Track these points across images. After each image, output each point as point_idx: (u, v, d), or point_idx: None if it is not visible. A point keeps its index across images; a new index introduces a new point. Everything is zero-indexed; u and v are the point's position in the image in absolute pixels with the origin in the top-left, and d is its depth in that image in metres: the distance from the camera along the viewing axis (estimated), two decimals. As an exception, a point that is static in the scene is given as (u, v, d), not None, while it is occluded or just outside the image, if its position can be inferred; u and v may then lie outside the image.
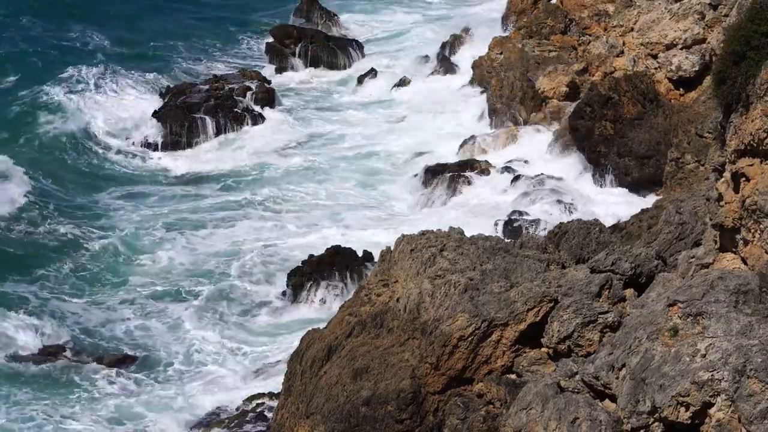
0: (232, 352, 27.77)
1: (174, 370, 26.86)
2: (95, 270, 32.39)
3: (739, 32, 15.64)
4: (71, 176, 40.01)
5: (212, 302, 30.33)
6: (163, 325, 29.15)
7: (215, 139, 44.22)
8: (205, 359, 27.34)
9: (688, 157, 31.55)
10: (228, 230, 35.38)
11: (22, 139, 42.35)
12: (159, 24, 59.82)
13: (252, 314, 29.92)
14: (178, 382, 26.41)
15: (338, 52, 54.65)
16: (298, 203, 37.84)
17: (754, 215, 15.15)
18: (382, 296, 20.60)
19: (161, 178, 40.72)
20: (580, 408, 14.35)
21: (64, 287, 31.10)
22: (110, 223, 35.61)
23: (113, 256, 33.22)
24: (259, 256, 33.20)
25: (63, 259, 32.79)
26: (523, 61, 43.85)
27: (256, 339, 28.57)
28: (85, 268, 32.48)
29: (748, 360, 13.02)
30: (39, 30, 56.43)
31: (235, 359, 27.43)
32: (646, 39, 39.82)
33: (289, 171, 40.99)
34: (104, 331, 28.93)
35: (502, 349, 17.88)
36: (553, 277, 18.59)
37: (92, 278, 31.93)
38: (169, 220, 35.98)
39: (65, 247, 33.60)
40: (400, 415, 17.86)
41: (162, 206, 37.47)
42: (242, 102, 46.66)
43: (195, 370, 26.91)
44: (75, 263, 32.60)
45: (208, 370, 26.87)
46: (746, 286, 13.92)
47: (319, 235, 34.79)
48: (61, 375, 26.62)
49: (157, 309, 30.06)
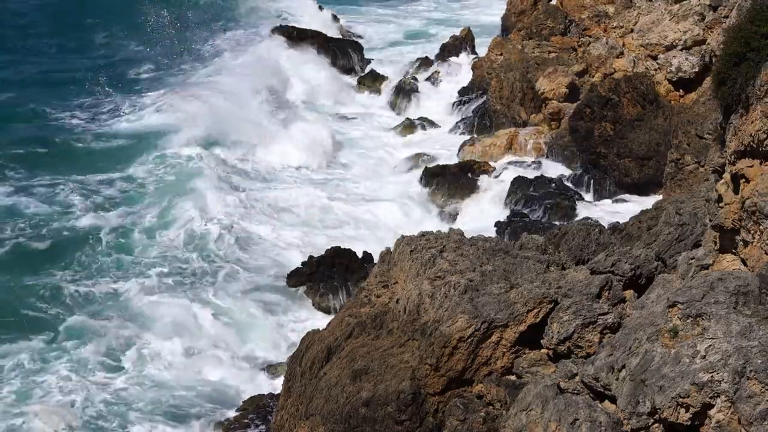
0: (231, 352, 27.74)
1: (174, 370, 26.81)
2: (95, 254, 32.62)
3: (739, 33, 15.64)
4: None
5: (211, 300, 30.31)
6: (162, 323, 29.10)
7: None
8: (204, 359, 27.30)
9: (688, 158, 31.55)
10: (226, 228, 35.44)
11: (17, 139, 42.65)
12: (159, 23, 59.83)
13: (252, 314, 29.90)
14: (178, 382, 26.37)
15: (338, 52, 54.69)
16: (298, 203, 37.82)
17: (754, 216, 15.15)
18: (382, 297, 20.61)
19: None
20: (580, 409, 14.35)
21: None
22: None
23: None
24: (259, 256, 33.23)
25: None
26: (522, 63, 43.89)
27: (256, 339, 28.55)
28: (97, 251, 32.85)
29: (748, 361, 13.02)
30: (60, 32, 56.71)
31: (235, 360, 27.41)
32: (646, 40, 39.86)
33: (288, 171, 40.97)
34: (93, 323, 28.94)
35: (501, 350, 17.88)
36: (552, 279, 18.60)
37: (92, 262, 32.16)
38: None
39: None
40: (400, 416, 17.86)
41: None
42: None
43: (195, 370, 26.86)
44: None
45: (208, 370, 26.83)
46: (746, 288, 13.92)
47: (319, 235, 34.79)
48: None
49: (154, 307, 30.01)
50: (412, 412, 17.85)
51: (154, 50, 55.85)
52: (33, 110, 46.51)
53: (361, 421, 18.13)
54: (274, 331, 29.09)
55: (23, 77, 52.52)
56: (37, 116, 46.09)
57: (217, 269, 32.45)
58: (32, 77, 52.22)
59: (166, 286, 31.09)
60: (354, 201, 37.95)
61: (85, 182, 38.60)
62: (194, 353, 27.56)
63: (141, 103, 47.98)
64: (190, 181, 38.57)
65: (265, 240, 34.66)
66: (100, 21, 62.87)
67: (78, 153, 41.99)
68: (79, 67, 53.33)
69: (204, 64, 55.00)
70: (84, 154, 41.85)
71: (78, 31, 61.16)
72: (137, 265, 32.46)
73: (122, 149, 42.64)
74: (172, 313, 29.02)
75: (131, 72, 53.69)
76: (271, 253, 33.71)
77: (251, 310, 29.92)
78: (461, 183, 37.07)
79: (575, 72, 41.43)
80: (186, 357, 27.36)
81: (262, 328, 29.23)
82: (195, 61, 55.51)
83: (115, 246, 33.57)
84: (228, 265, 32.70)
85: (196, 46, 57.65)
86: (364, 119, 47.47)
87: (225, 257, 33.29)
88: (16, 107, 46.81)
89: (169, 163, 40.79)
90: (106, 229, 34.55)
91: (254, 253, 33.70)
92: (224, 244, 34.02)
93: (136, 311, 29.41)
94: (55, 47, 58.63)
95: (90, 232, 34.36)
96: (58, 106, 47.34)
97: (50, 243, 33.48)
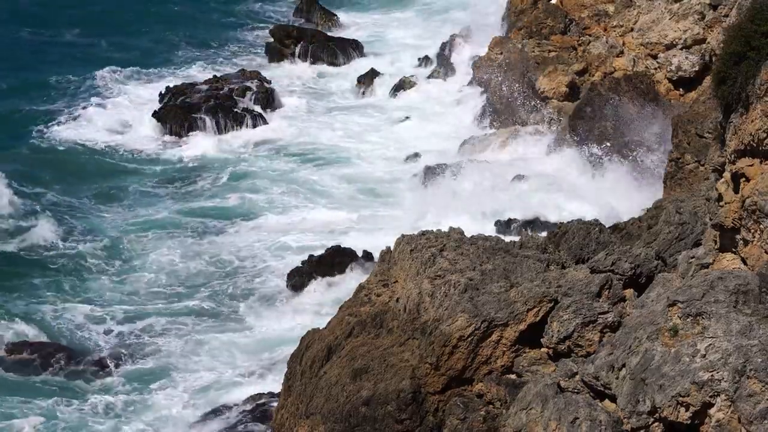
0: (231, 352, 27.75)
1: (173, 371, 26.84)
2: (89, 269, 32.49)
3: (739, 32, 15.64)
4: (68, 179, 39.80)
5: (211, 301, 30.33)
6: (162, 323, 29.12)
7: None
8: (204, 359, 27.32)
9: (688, 157, 31.51)
10: (227, 228, 35.43)
11: (14, 142, 42.39)
12: (158, 24, 59.81)
13: (252, 314, 29.90)
14: (177, 382, 26.39)
15: (338, 52, 54.63)
16: (297, 204, 37.83)
17: (754, 215, 15.16)
18: (382, 296, 20.61)
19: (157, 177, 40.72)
20: (580, 408, 14.35)
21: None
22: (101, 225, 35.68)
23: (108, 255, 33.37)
24: (259, 256, 33.23)
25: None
26: (523, 62, 43.84)
27: (256, 339, 28.56)
28: (80, 266, 32.58)
29: (748, 360, 13.03)
30: (34, 32, 56.50)
31: (234, 359, 27.42)
32: (646, 39, 39.83)
33: (287, 171, 40.96)
34: (98, 328, 28.93)
35: (502, 349, 17.88)
36: (553, 278, 18.60)
37: (86, 277, 32.03)
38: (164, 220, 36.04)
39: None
40: (400, 415, 17.87)
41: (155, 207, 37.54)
42: (242, 102, 46.67)
43: (195, 370, 26.88)
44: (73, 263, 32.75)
45: (208, 370, 26.85)
46: (746, 287, 13.92)
47: (318, 235, 34.79)
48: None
49: (154, 307, 30.04)
50: (412, 411, 17.85)
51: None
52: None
53: (361, 420, 18.13)
54: (272, 330, 29.12)
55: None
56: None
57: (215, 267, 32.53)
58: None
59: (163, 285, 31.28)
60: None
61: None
62: (193, 353, 27.61)
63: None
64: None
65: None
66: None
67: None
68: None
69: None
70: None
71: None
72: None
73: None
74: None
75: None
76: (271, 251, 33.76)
77: (251, 310, 29.98)
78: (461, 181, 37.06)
79: (575, 71, 41.38)
80: (185, 357, 27.44)
81: (260, 327, 29.26)
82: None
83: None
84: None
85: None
86: (363, 117, 47.41)
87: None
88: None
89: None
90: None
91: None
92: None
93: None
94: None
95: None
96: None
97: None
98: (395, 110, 47.40)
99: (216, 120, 45.01)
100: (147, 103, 47.29)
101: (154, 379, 26.58)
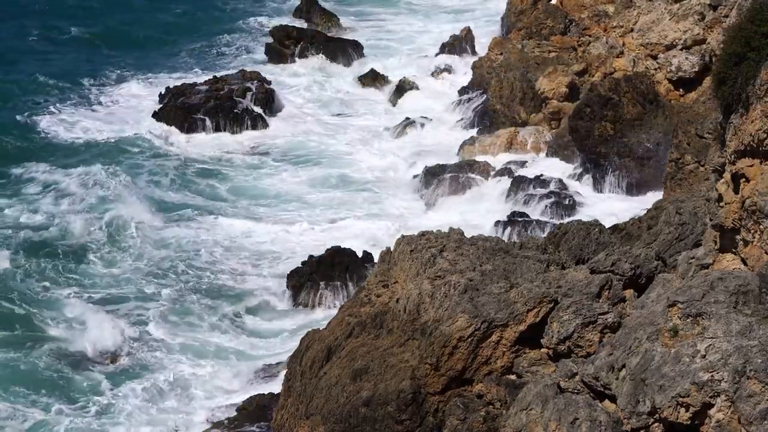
0: (231, 353, 27.74)
1: (173, 370, 26.81)
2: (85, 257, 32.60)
3: (739, 33, 15.65)
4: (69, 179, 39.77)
5: (210, 301, 30.32)
6: (160, 322, 29.10)
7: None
8: (204, 359, 27.30)
9: (688, 157, 31.53)
10: (226, 228, 35.43)
11: (14, 142, 42.41)
12: (159, 24, 59.82)
13: (251, 315, 29.91)
14: (177, 382, 26.37)
15: (338, 52, 54.64)
16: (297, 204, 37.84)
17: (754, 216, 15.16)
18: (382, 297, 20.61)
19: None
20: (580, 408, 14.35)
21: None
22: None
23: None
24: (259, 256, 33.26)
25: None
26: (522, 62, 43.87)
27: (255, 339, 28.56)
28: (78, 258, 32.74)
29: (748, 360, 13.03)
30: (34, 32, 56.50)
31: (235, 360, 27.41)
32: (646, 39, 39.86)
33: (287, 172, 40.97)
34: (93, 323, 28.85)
35: (501, 349, 17.88)
36: (552, 278, 18.60)
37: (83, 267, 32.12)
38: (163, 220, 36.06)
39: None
40: (400, 415, 17.87)
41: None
42: (242, 103, 46.66)
43: (194, 370, 26.86)
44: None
45: (208, 370, 26.83)
46: (746, 287, 13.93)
47: (318, 235, 34.80)
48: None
49: (152, 305, 30.02)
50: (412, 411, 17.86)
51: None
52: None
53: (361, 421, 18.14)
54: (272, 330, 29.12)
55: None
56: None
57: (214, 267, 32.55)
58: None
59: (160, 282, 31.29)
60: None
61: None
62: (193, 353, 27.60)
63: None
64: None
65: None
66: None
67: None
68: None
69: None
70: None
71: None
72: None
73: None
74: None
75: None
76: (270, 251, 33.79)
77: (251, 310, 29.97)
78: (461, 182, 37.07)
79: (575, 71, 41.40)
80: (185, 357, 27.44)
81: (260, 327, 29.26)
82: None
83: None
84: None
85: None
86: (363, 118, 47.41)
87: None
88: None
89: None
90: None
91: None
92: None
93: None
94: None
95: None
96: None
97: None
98: (395, 111, 47.42)
99: (216, 121, 45.04)
100: (147, 103, 47.32)
101: (153, 378, 26.53)
